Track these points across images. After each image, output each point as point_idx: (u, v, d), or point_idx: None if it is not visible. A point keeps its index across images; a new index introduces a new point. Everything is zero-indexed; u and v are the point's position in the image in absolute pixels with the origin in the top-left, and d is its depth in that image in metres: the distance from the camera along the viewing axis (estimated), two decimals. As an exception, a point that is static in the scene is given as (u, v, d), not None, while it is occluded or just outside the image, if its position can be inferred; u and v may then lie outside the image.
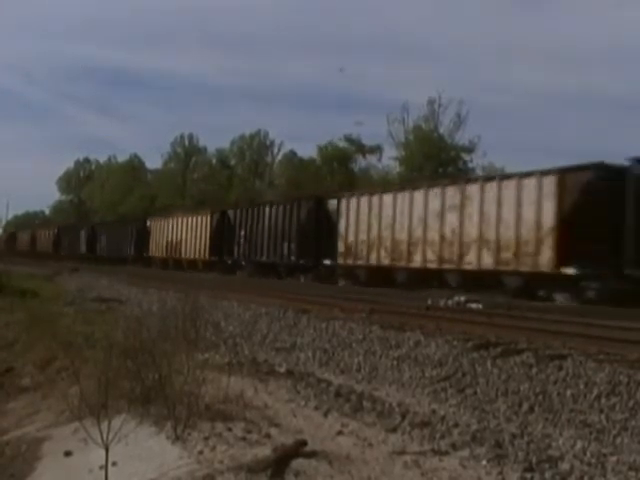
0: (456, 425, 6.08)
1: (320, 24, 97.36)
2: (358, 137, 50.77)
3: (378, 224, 22.63)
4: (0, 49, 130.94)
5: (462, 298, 16.13)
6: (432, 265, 20.32)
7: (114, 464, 5.17)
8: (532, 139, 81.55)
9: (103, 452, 5.11)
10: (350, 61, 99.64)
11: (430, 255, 20.35)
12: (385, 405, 6.90)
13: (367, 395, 7.37)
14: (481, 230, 18.60)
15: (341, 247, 24.21)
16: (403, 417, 6.40)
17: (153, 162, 78.18)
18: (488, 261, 18.42)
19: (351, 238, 23.81)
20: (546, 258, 16.71)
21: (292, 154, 60.10)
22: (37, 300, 18.17)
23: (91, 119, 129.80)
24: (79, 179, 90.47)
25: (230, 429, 5.72)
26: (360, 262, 23.44)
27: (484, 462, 5.07)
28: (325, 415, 6.54)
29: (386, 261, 22.27)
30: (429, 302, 15.46)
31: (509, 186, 18.04)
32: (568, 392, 6.88)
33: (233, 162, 65.14)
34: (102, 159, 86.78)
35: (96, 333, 10.10)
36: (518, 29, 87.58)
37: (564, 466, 4.99)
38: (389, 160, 48.19)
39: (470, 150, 43.29)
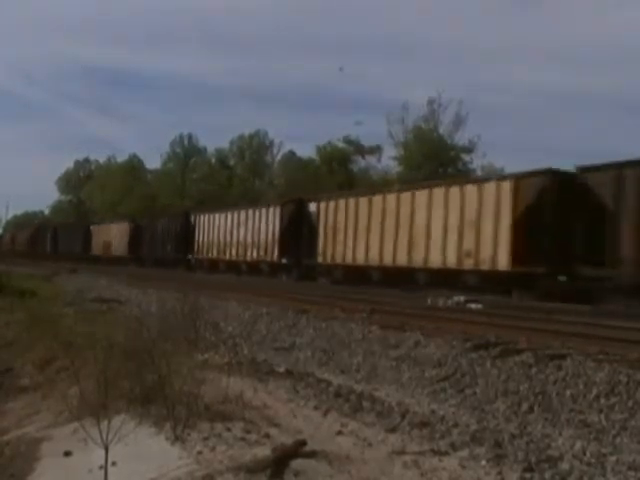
0: (455, 425, 6.09)
1: (320, 24, 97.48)
2: (357, 138, 50.85)
3: (213, 232, 35.25)
4: (0, 49, 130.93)
5: (462, 298, 16.14)
6: (234, 258, 32.76)
7: (114, 464, 5.17)
8: (532, 139, 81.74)
9: (103, 452, 5.11)
10: (350, 61, 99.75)
11: (234, 252, 32.83)
12: (384, 405, 6.90)
13: (367, 395, 7.37)
14: (253, 237, 31.01)
15: (196, 247, 36.96)
16: (403, 417, 6.41)
17: (152, 162, 78.23)
18: (255, 255, 30.90)
19: (201, 240, 36.53)
20: (276, 254, 28.98)
21: (291, 154, 60.16)
22: (36, 300, 18.15)
23: (91, 119, 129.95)
24: (79, 179, 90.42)
25: (229, 429, 5.72)
26: (205, 256, 35.96)
27: (483, 462, 5.08)
28: (324, 415, 6.54)
29: (214, 256, 34.85)
30: (429, 302, 15.48)
31: (263, 211, 30.69)
32: (567, 392, 6.89)
33: (232, 162, 65.15)
34: (102, 159, 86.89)
35: (96, 333, 10.09)
36: (518, 29, 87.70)
37: (564, 466, 4.99)
38: (389, 160, 48.25)
39: (470, 150, 43.30)
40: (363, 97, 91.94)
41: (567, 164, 18.39)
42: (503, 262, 17.81)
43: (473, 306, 14.93)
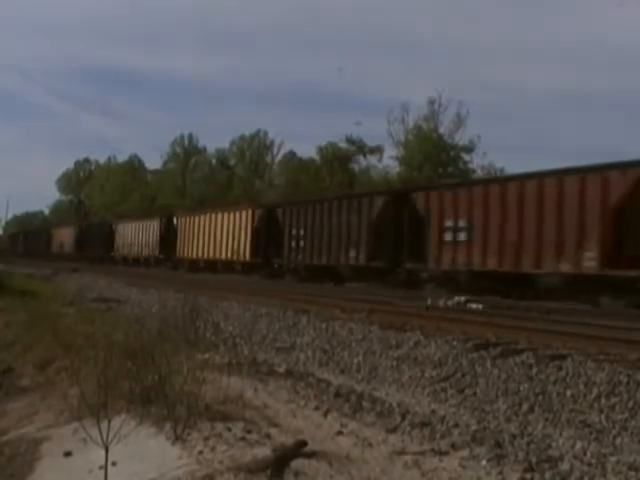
0: (456, 425, 6.08)
1: (320, 24, 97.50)
2: (359, 138, 50.81)
3: (125, 236, 47.04)
4: (0, 49, 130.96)
5: (462, 298, 16.13)
6: (136, 254, 44.19)
7: (114, 464, 5.16)
8: (532, 139, 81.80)
9: (103, 452, 5.10)
10: (350, 61, 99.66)
11: (135, 250, 44.43)
12: (385, 405, 6.90)
13: (367, 395, 7.37)
14: (146, 240, 42.65)
15: (115, 247, 48.58)
16: (403, 417, 6.40)
17: (153, 162, 78.26)
18: (147, 252, 42.48)
19: (119, 243, 48.16)
20: (157, 251, 41.01)
21: (292, 154, 60.15)
22: (37, 300, 18.16)
23: (91, 119, 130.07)
24: (79, 179, 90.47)
25: (230, 429, 5.72)
26: (120, 253, 47.60)
27: (484, 462, 5.07)
28: (325, 415, 6.54)
29: (126, 253, 46.54)
30: (429, 302, 15.46)
31: (150, 222, 42.65)
32: (568, 392, 6.88)
33: (233, 162, 65.13)
34: (102, 159, 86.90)
35: (96, 333, 10.10)
36: (518, 29, 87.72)
37: (564, 466, 4.99)
38: (389, 160, 48.27)
39: (470, 150, 43.32)
40: (363, 97, 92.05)
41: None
42: (247, 256, 30.72)
43: (473, 306, 14.92)
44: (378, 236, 22.22)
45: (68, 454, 6.18)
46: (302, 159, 57.00)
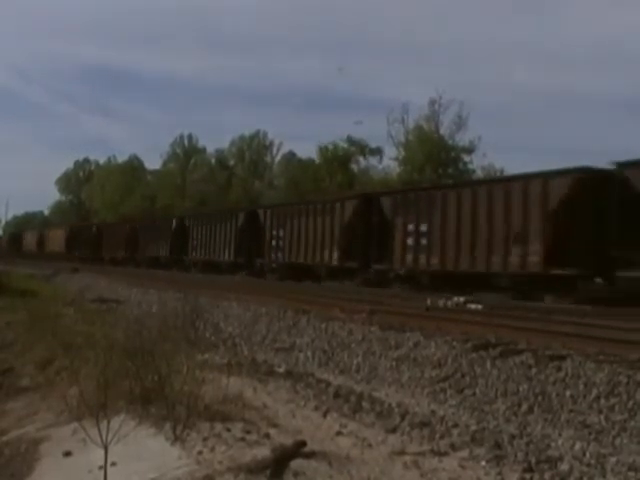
0: (455, 426, 6.08)
1: (320, 24, 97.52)
2: (360, 138, 50.73)
3: (27, 240, 74.17)
4: (0, 49, 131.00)
5: (461, 299, 16.14)
6: (30, 251, 68.83)
7: (113, 464, 5.16)
8: (532, 139, 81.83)
9: (102, 452, 5.10)
10: (350, 61, 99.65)
11: (30, 248, 69.83)
12: (384, 405, 6.90)
13: (366, 396, 7.37)
14: (33, 242, 71.62)
15: (24, 245, 72.01)
16: (402, 418, 6.41)
17: (152, 162, 78.26)
18: (33, 249, 68.99)
19: (25, 243, 74.21)
20: (35, 248, 69.06)
21: (291, 155, 60.14)
22: (37, 300, 18.15)
23: (91, 119, 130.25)
24: (79, 179, 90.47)
25: (229, 429, 5.72)
26: (25, 250, 68.96)
27: (483, 463, 5.08)
28: (324, 415, 6.54)
29: (27, 250, 68.97)
30: (429, 303, 15.46)
31: (33, 233, 75.55)
32: (567, 393, 6.88)
33: (232, 162, 65.12)
34: (102, 159, 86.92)
35: (96, 333, 10.10)
36: (518, 29, 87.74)
37: (563, 467, 4.99)
38: (389, 161, 48.22)
39: (470, 151, 43.29)
40: (363, 97, 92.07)
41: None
42: (62, 249, 56.92)
43: (473, 307, 14.93)
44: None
45: (68, 454, 6.18)
46: (302, 159, 56.99)
